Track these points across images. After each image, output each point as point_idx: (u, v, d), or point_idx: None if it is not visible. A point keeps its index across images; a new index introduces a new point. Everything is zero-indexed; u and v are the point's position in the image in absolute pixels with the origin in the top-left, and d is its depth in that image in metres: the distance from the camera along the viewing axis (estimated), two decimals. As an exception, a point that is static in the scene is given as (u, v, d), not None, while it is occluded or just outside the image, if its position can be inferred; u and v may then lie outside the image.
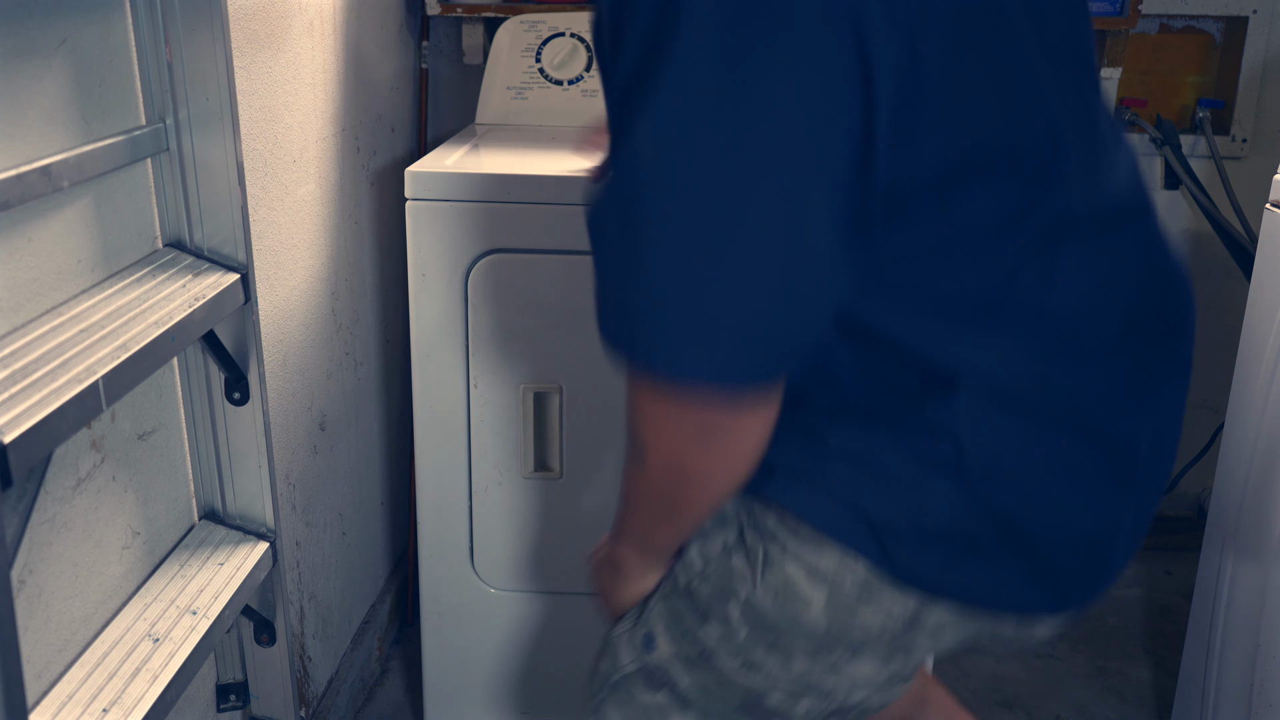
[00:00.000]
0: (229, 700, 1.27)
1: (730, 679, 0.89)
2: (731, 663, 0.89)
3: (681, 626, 0.91)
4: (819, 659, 0.87)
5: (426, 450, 1.54)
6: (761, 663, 0.87)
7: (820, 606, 0.84)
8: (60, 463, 0.94)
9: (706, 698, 0.91)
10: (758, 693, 0.89)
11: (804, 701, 0.90)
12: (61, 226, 0.92)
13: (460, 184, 1.43)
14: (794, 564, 0.83)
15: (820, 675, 0.88)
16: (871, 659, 0.87)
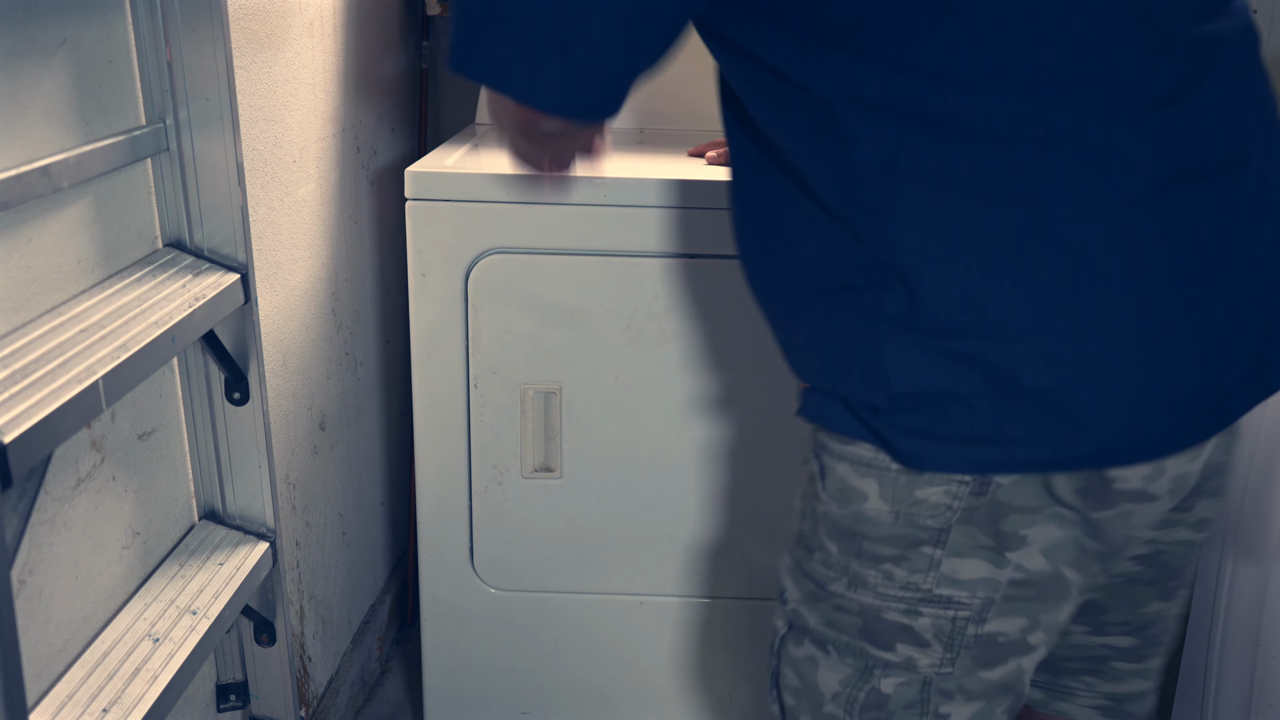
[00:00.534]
0: (229, 700, 1.27)
1: (845, 604, 0.90)
2: (839, 584, 0.90)
3: (798, 569, 0.94)
4: (911, 558, 0.86)
5: (426, 450, 1.54)
6: (862, 575, 0.88)
7: (875, 495, 0.85)
8: (60, 463, 0.94)
9: (834, 630, 0.92)
10: (874, 611, 0.89)
11: (925, 614, 0.88)
12: (61, 226, 0.92)
13: (460, 184, 1.43)
14: (841, 464, 0.87)
15: (922, 578, 0.86)
16: (972, 553, 0.85)
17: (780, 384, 1.49)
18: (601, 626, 1.63)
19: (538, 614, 1.62)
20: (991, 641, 0.89)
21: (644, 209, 1.42)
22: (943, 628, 0.88)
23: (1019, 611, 0.88)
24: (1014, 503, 0.83)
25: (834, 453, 0.88)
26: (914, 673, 0.90)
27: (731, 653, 1.64)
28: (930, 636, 0.89)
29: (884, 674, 0.91)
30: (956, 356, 0.79)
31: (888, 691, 0.91)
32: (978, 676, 0.90)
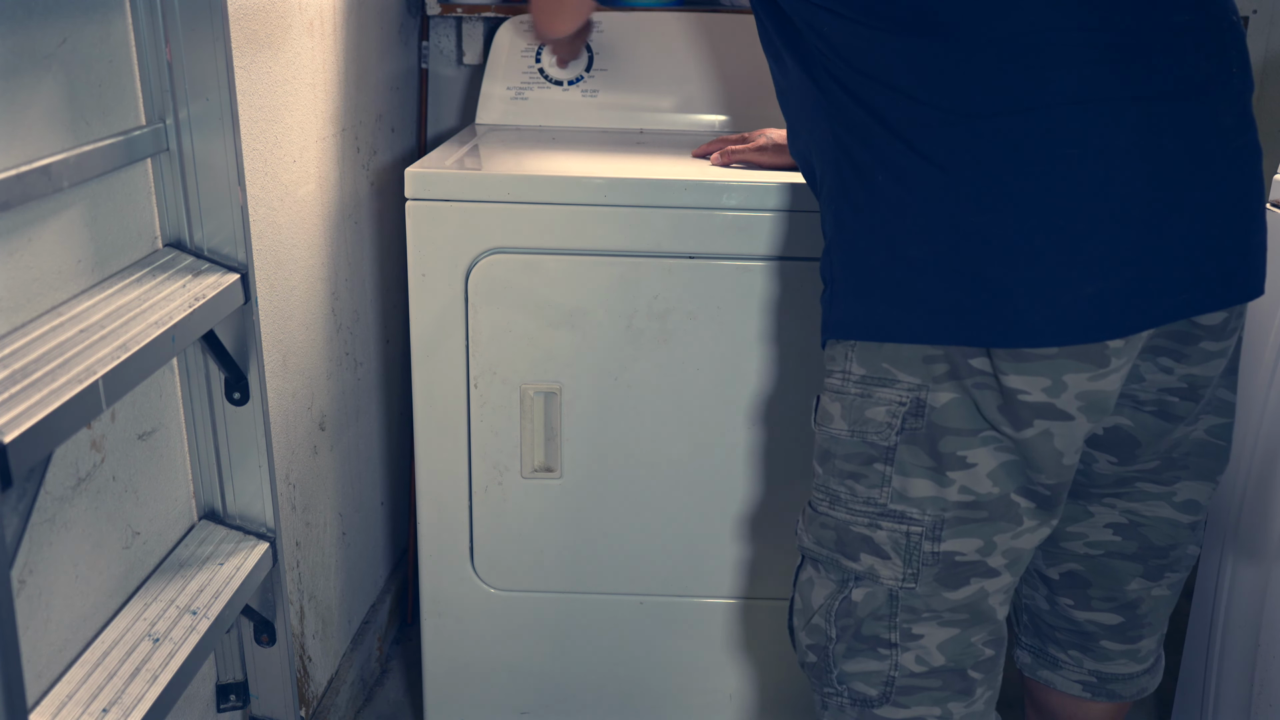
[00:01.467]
0: (229, 700, 1.27)
1: (826, 520, 1.03)
2: (823, 503, 1.04)
3: (808, 505, 1.08)
4: (867, 474, 0.99)
5: (426, 450, 1.54)
6: (836, 492, 1.02)
7: (839, 415, 1.01)
8: (60, 463, 0.94)
9: (820, 546, 1.04)
10: (844, 525, 1.01)
11: (883, 528, 0.99)
12: (61, 226, 0.92)
13: (460, 184, 1.43)
14: (825, 394, 1.04)
15: (878, 493, 0.99)
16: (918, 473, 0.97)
17: (780, 383, 1.49)
18: (601, 626, 1.63)
19: (538, 614, 1.62)
20: (950, 560, 0.99)
21: (644, 209, 1.42)
22: (899, 541, 0.99)
23: (972, 533, 0.98)
24: (948, 424, 0.95)
25: (824, 387, 1.04)
26: (878, 584, 1.01)
27: (731, 653, 1.64)
28: (889, 549, 0.99)
29: (855, 585, 1.02)
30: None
31: (857, 600, 1.02)
32: (942, 596, 0.99)
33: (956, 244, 0.91)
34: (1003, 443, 0.95)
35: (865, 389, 0.98)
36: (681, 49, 1.83)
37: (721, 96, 1.83)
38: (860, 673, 1.04)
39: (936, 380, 0.95)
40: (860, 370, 0.98)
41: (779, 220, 1.43)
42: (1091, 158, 0.88)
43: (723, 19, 1.84)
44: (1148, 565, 1.12)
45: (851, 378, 0.99)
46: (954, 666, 1.02)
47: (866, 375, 0.98)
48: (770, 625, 1.61)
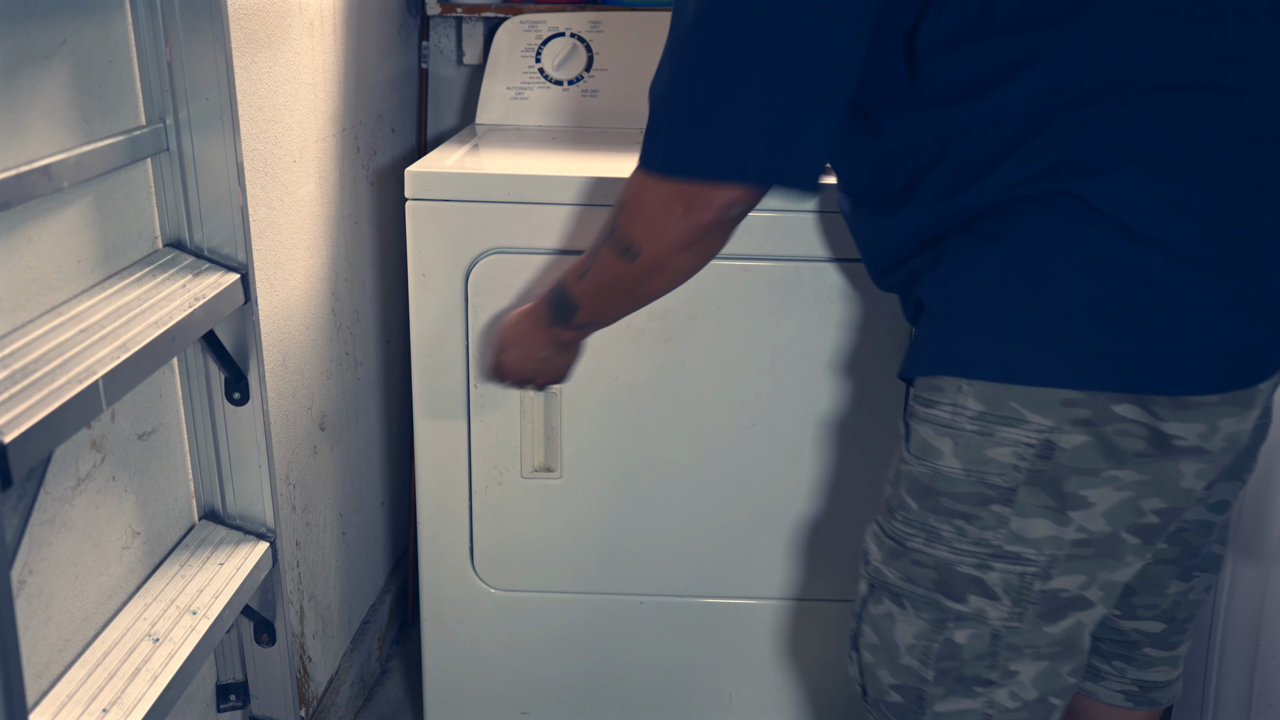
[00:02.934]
0: (229, 700, 1.27)
1: (921, 558, 0.97)
2: (917, 539, 0.97)
3: (881, 531, 1.02)
4: (983, 514, 0.93)
5: (426, 450, 1.54)
6: (938, 530, 0.96)
7: (950, 452, 0.94)
8: (60, 463, 0.94)
9: (911, 584, 0.99)
10: (948, 564, 0.96)
11: (995, 569, 0.94)
12: (61, 226, 0.92)
13: (460, 184, 1.43)
14: (923, 425, 0.96)
15: (993, 534, 0.94)
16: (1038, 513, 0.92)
17: (780, 383, 1.49)
18: (601, 626, 1.63)
19: (538, 614, 1.62)
20: (1055, 596, 0.95)
21: (644, 209, 1.42)
22: (1011, 582, 0.95)
23: (1080, 569, 0.94)
24: (1077, 465, 0.90)
25: (917, 415, 0.97)
26: (984, 624, 0.96)
27: (732, 653, 1.64)
28: (1000, 590, 0.95)
29: (957, 625, 0.97)
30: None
31: (960, 642, 0.97)
32: (1043, 631, 0.96)
33: (1116, 286, 0.87)
34: (1122, 480, 0.92)
35: (985, 427, 0.92)
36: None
37: (721, 96, 1.83)
38: (954, 712, 1.00)
39: (1072, 423, 0.90)
40: (978, 406, 0.92)
41: (779, 220, 1.42)
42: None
43: (723, 19, 1.83)
44: (1183, 566, 1.11)
45: (966, 413, 0.92)
46: (1042, 698, 0.99)
47: (987, 412, 0.92)
48: (770, 626, 1.61)
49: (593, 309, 1.11)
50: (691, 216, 0.95)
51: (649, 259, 0.99)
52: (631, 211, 0.99)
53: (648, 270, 1.01)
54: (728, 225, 0.98)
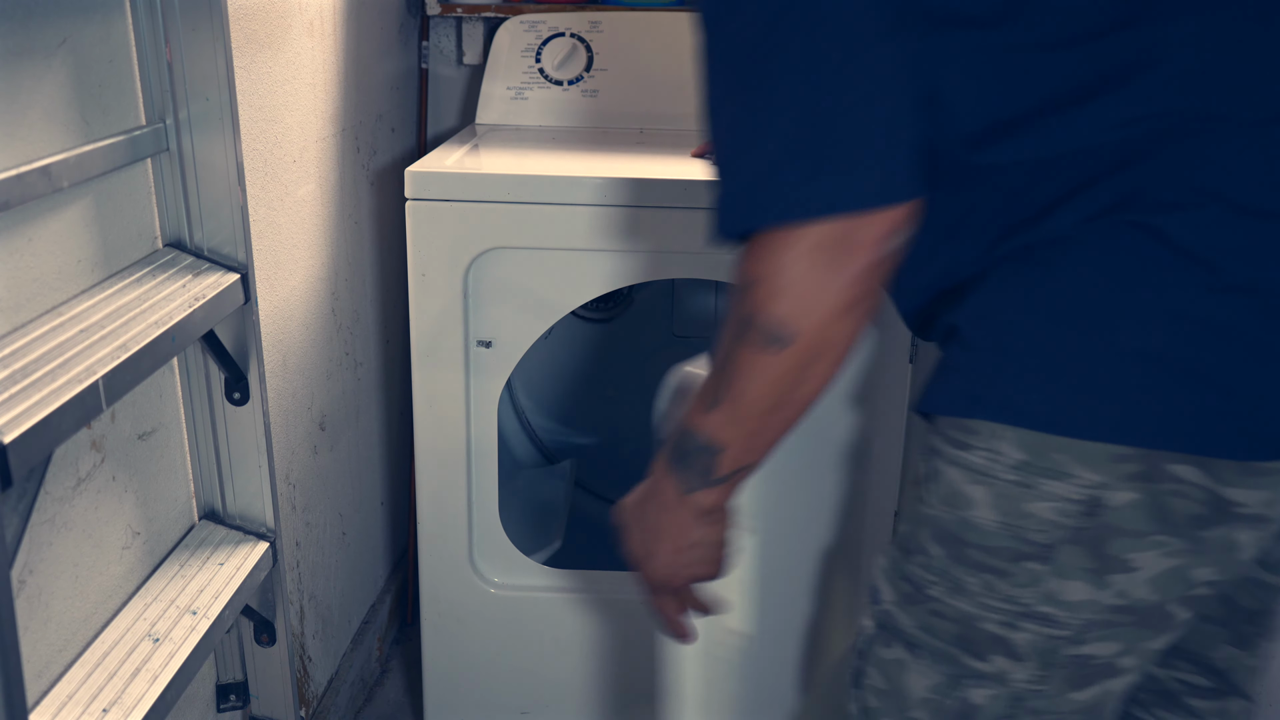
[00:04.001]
0: (229, 700, 1.27)
1: (942, 608, 0.88)
2: (938, 588, 0.88)
3: (895, 571, 0.92)
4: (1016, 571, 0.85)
5: (426, 450, 1.54)
6: (963, 582, 0.87)
7: (984, 502, 0.84)
8: (60, 463, 0.94)
9: (928, 634, 0.90)
10: (971, 618, 0.87)
11: (1023, 629, 0.86)
12: (61, 226, 0.92)
13: (460, 184, 1.43)
14: (951, 468, 0.86)
15: (1025, 594, 0.85)
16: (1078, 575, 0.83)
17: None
18: (601, 626, 1.63)
19: (538, 614, 1.62)
20: (1085, 662, 0.87)
21: (644, 209, 1.42)
22: (1039, 645, 0.86)
23: (1116, 637, 0.87)
24: (1123, 526, 0.82)
25: (944, 455, 0.87)
26: (1005, 686, 0.88)
27: (731, 653, 1.64)
28: (1026, 651, 0.87)
29: (975, 684, 0.89)
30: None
31: (977, 702, 0.89)
32: (1068, 698, 0.88)
33: (1189, 335, 0.78)
34: (1172, 546, 0.84)
35: (1026, 478, 0.83)
36: (681, 49, 1.83)
37: (721, 96, 1.83)
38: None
39: (1121, 479, 0.81)
40: (1019, 455, 0.83)
41: (779, 220, 1.43)
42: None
43: (723, 19, 1.84)
44: (1237, 631, 1.02)
45: (1004, 460, 0.83)
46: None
47: (1029, 463, 0.83)
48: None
49: (742, 443, 0.89)
50: (847, 263, 0.78)
51: (808, 338, 0.81)
52: (767, 287, 0.80)
53: (808, 355, 0.82)
54: (885, 264, 0.80)
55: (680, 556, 0.97)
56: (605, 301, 1.93)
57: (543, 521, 1.75)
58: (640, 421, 2.01)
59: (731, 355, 0.84)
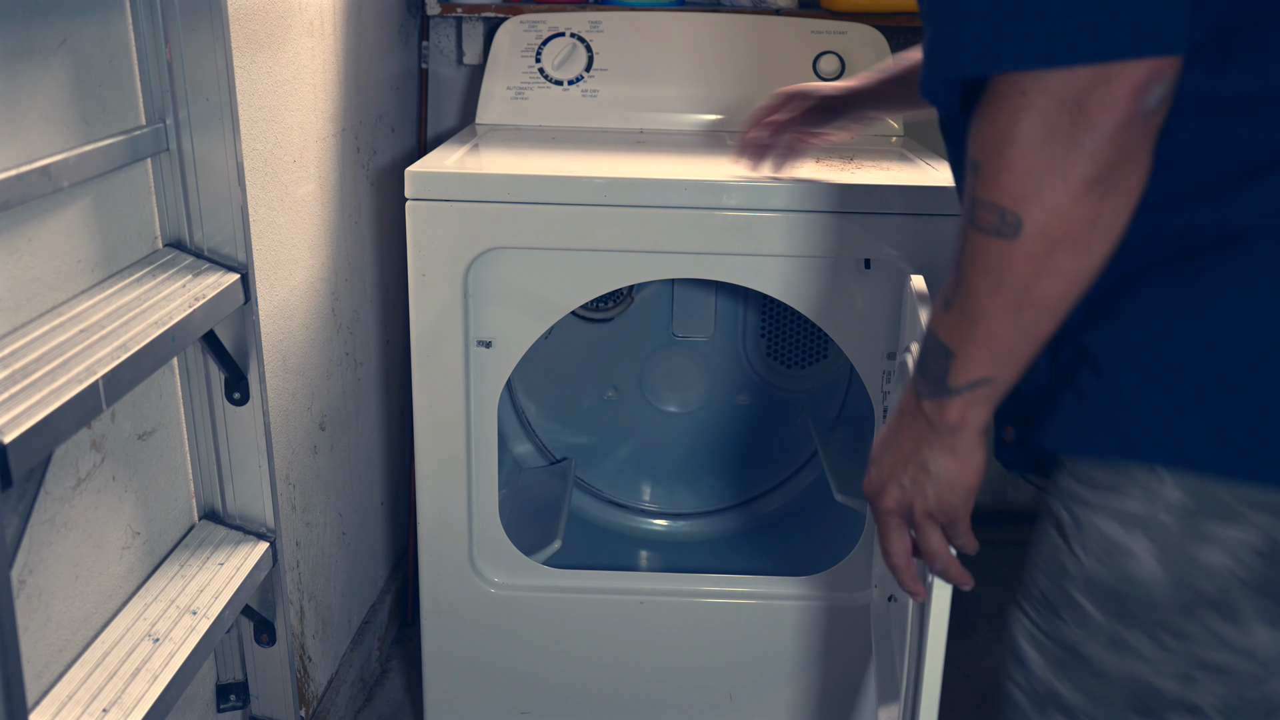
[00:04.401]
0: (229, 700, 1.27)
1: (1107, 671, 0.80)
2: (1100, 649, 0.80)
3: (1040, 633, 0.83)
4: (1188, 623, 0.76)
5: (426, 450, 1.54)
6: (1129, 641, 0.78)
7: (1146, 552, 0.76)
8: (60, 463, 0.94)
9: (1094, 701, 0.81)
10: (1143, 680, 0.79)
11: (1203, 685, 0.77)
12: (61, 226, 0.92)
13: (460, 184, 1.43)
14: (1099, 515, 0.77)
15: (1202, 646, 0.76)
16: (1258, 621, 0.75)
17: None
18: (601, 626, 1.63)
19: (538, 614, 1.62)
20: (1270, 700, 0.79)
21: (644, 209, 1.42)
22: (1220, 695, 0.78)
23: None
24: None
25: (1090, 503, 0.78)
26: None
27: (731, 652, 1.64)
28: (1207, 704, 0.78)
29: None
30: None
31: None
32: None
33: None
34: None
35: (1193, 524, 0.74)
36: (681, 49, 1.83)
37: (721, 96, 1.83)
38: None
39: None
40: (1182, 498, 0.74)
41: (779, 220, 1.42)
42: None
43: (723, 19, 1.84)
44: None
45: (1165, 504, 0.75)
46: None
47: (1194, 507, 0.74)
48: (770, 625, 1.61)
49: (977, 348, 0.75)
50: (1091, 124, 0.64)
51: (1039, 222, 0.67)
52: (993, 158, 0.67)
53: (1043, 243, 0.68)
54: (1145, 126, 0.65)
55: (907, 477, 0.82)
56: (605, 301, 1.93)
57: (543, 521, 1.75)
58: (640, 421, 2.01)
59: (963, 243, 0.72)
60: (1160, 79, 0.63)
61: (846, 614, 1.59)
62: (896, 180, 1.43)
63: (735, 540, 1.94)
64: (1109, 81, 0.63)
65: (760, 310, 1.95)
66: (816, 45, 1.82)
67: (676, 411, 1.99)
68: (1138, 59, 0.62)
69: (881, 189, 1.41)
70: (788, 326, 1.96)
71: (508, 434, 1.99)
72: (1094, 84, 0.63)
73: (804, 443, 1.95)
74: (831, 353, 1.95)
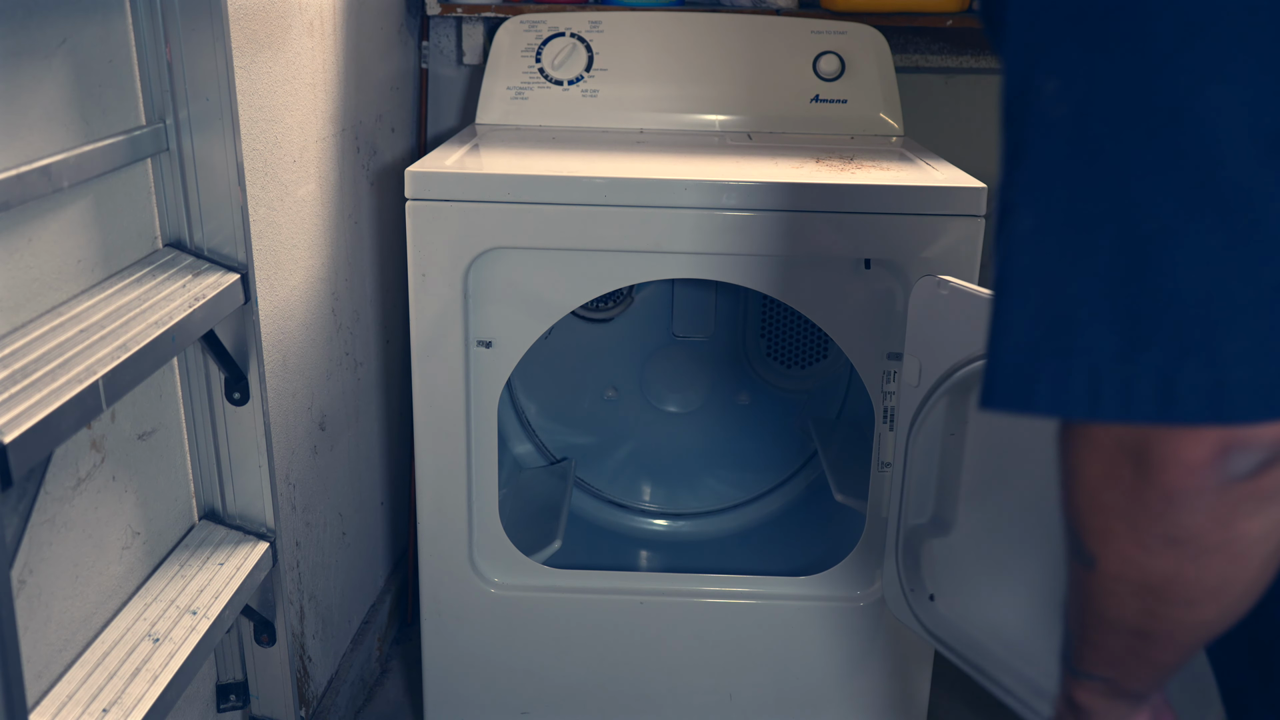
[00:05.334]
0: (229, 700, 1.27)
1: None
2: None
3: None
4: None
5: (426, 450, 1.54)
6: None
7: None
8: (60, 463, 0.94)
9: None
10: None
11: None
12: (61, 226, 0.92)
13: (460, 184, 1.43)
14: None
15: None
16: None
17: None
18: (601, 626, 1.63)
19: (538, 614, 1.62)
20: None
21: (644, 209, 1.42)
22: None
23: None
24: None
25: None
26: None
27: (731, 653, 1.64)
28: None
29: None
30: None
31: None
32: None
33: None
34: None
35: None
36: (681, 49, 1.83)
37: (721, 96, 1.83)
38: None
39: None
40: None
41: (779, 220, 1.43)
42: None
43: (723, 19, 1.84)
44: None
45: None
46: None
47: None
48: (770, 625, 1.61)
49: (1085, 646, 0.64)
50: (1157, 484, 0.51)
51: (1112, 567, 0.56)
52: (1065, 481, 0.56)
53: (1123, 587, 0.57)
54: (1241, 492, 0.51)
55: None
56: (605, 301, 1.93)
57: (543, 521, 1.75)
58: (640, 421, 2.01)
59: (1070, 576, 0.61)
60: (1257, 444, 0.49)
61: (846, 614, 1.59)
62: (896, 180, 1.43)
63: (735, 540, 1.94)
64: (1178, 440, 0.50)
65: (760, 310, 1.95)
66: (816, 45, 1.82)
67: (676, 411, 1.99)
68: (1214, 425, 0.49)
69: (881, 189, 1.41)
70: (788, 326, 1.96)
71: (508, 434, 1.99)
72: (1158, 440, 0.50)
73: (804, 443, 1.95)
74: (831, 353, 1.95)
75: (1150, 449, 0.50)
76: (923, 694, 1.63)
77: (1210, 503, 0.51)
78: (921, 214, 1.40)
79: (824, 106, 1.81)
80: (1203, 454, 0.49)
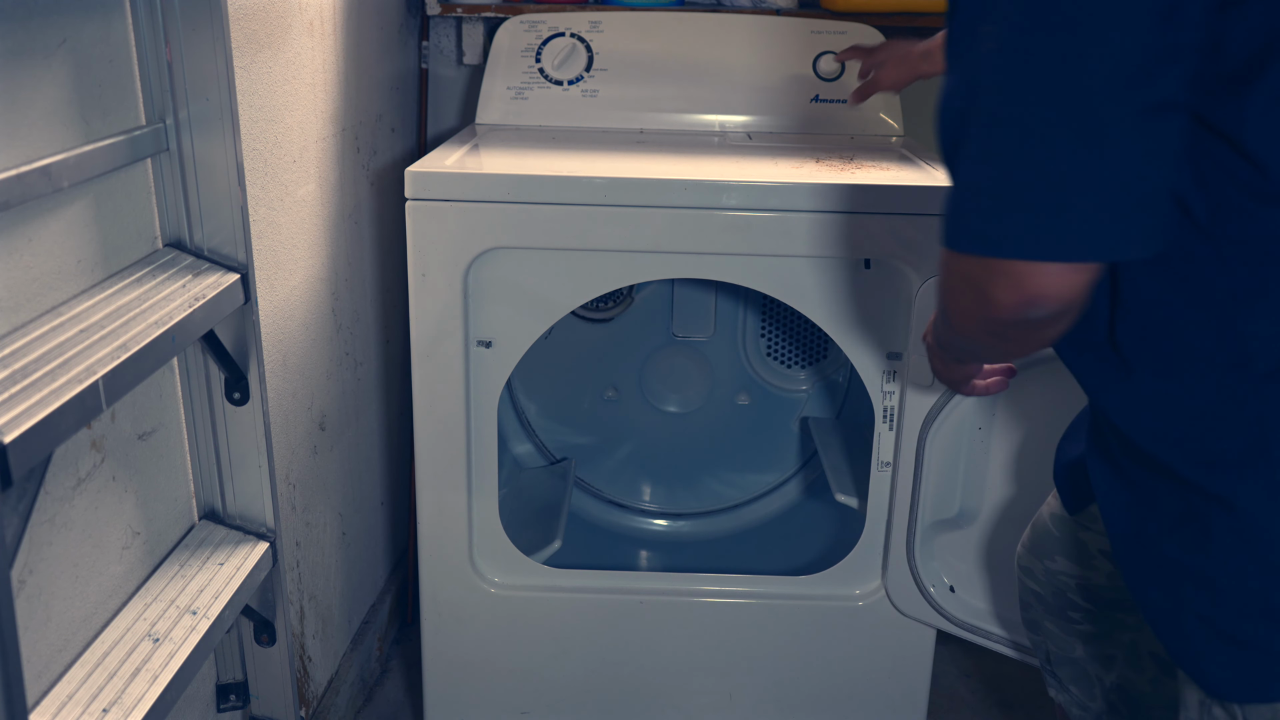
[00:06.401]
0: (229, 700, 1.27)
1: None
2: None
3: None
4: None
5: (426, 450, 1.54)
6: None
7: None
8: (60, 463, 0.94)
9: None
10: None
11: None
12: (61, 226, 0.92)
13: (460, 184, 1.43)
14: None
15: None
16: None
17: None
18: (601, 626, 1.63)
19: (538, 614, 1.62)
20: None
21: (644, 209, 1.42)
22: None
23: None
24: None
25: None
26: None
27: (731, 653, 1.64)
28: None
29: None
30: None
31: None
32: None
33: None
34: None
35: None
36: (681, 49, 1.82)
37: (721, 96, 1.83)
38: None
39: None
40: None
41: (779, 220, 1.42)
42: None
43: (723, 19, 1.84)
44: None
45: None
46: None
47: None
48: (771, 624, 1.61)
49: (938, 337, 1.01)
50: (983, 305, 0.76)
51: (951, 318, 0.85)
52: (940, 280, 0.84)
53: (952, 326, 0.86)
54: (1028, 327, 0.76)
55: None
56: (605, 301, 1.93)
57: (543, 521, 1.75)
58: (640, 421, 2.01)
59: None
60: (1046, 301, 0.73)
61: (846, 614, 1.59)
62: (896, 180, 1.43)
63: (735, 540, 1.94)
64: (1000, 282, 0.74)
65: (760, 310, 1.95)
66: (816, 45, 1.82)
67: (676, 411, 1.99)
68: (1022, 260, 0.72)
69: (881, 189, 1.41)
70: (788, 326, 1.96)
71: (508, 434, 1.99)
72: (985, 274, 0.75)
73: (804, 443, 1.95)
74: (831, 353, 1.95)
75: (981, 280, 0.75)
76: (923, 694, 1.63)
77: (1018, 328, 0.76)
78: (921, 214, 1.40)
79: (824, 106, 1.81)
80: (1012, 297, 0.73)
